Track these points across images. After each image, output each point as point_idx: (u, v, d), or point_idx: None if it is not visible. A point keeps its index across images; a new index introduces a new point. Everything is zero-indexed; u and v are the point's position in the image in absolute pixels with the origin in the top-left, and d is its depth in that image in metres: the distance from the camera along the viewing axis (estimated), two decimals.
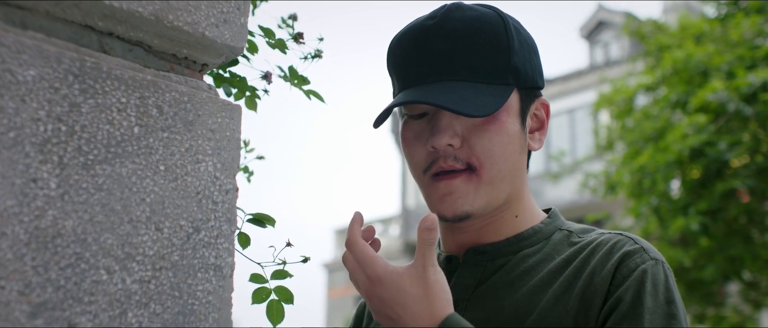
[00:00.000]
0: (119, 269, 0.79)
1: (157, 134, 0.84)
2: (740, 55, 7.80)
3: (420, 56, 1.19)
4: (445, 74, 1.17)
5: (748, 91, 7.24)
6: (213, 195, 0.88)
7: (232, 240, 0.89)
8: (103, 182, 0.79)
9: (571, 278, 1.14)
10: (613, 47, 20.02)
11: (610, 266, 1.12)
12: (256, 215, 1.12)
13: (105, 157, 0.79)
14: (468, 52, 1.17)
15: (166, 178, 0.84)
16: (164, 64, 0.90)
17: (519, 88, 1.21)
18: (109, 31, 0.86)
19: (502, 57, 1.18)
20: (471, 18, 1.20)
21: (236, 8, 0.94)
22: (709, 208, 7.52)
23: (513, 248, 1.22)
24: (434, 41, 1.19)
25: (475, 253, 1.23)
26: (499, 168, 1.18)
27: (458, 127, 1.18)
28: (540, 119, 1.27)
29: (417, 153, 1.22)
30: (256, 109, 1.26)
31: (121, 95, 0.82)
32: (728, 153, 7.28)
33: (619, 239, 1.16)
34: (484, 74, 1.17)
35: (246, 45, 0.95)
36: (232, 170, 0.91)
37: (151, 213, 0.82)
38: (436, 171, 1.19)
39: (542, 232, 1.24)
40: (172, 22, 0.87)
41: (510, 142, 1.19)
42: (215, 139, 0.89)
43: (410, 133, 1.23)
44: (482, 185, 1.18)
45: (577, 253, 1.18)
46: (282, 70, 1.29)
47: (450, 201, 1.18)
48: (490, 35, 1.19)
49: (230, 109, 0.92)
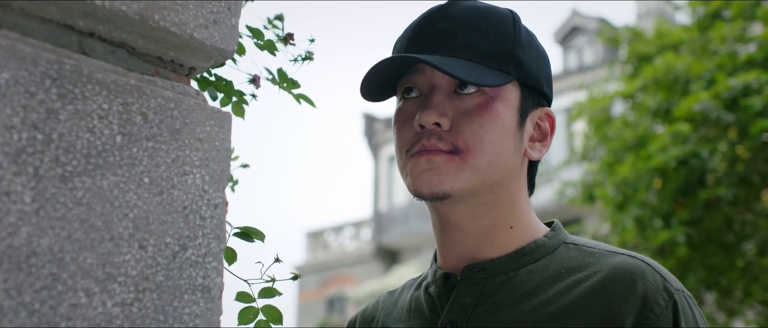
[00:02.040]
0: (99, 291, 0.72)
1: (141, 144, 0.78)
2: (720, 63, 7.83)
3: (421, 35, 1.15)
4: (444, 50, 1.12)
5: (728, 95, 7.26)
6: (201, 210, 0.81)
7: (221, 259, 0.82)
8: (83, 196, 0.72)
9: (582, 301, 1.07)
10: (587, 52, 20.11)
11: (633, 299, 1.04)
12: (244, 228, 1.05)
13: (84, 169, 0.73)
14: (470, 33, 1.12)
15: (151, 191, 0.77)
16: (149, 67, 0.84)
17: (521, 83, 1.15)
18: (90, 31, 0.79)
19: (506, 46, 1.13)
20: (479, 6, 1.16)
21: (227, 8, 0.88)
22: (691, 217, 7.53)
23: (514, 264, 1.15)
24: (438, 22, 1.14)
25: (473, 270, 1.16)
26: (487, 159, 1.11)
27: (449, 109, 1.11)
28: (543, 131, 1.21)
29: (404, 134, 1.15)
30: (244, 116, 1.19)
31: (102, 101, 0.75)
32: (710, 161, 7.29)
33: (637, 265, 1.09)
34: (485, 57, 1.12)
35: (236, 47, 0.88)
36: (222, 182, 0.84)
37: (134, 229, 0.75)
38: (418, 150, 1.12)
39: (545, 246, 1.17)
40: (158, 22, 0.81)
41: (503, 135, 1.12)
42: (203, 150, 0.83)
43: (401, 116, 1.17)
44: (466, 168, 1.10)
45: (588, 273, 1.10)
46: (270, 73, 1.22)
47: (428, 176, 1.10)
48: (496, 23, 1.14)
49: (219, 117, 0.85)
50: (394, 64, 1.13)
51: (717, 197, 7.30)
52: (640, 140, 8.14)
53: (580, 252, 1.15)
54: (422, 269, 21.35)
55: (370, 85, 1.15)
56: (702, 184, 7.56)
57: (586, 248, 1.16)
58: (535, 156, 1.19)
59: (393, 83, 1.18)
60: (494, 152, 1.11)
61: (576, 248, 1.16)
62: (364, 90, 1.15)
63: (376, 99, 1.19)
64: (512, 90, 1.15)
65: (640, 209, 7.86)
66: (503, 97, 1.13)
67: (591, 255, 1.14)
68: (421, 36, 1.14)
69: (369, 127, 24.29)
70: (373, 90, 1.16)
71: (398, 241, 22.83)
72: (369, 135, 24.20)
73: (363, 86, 1.15)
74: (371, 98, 1.18)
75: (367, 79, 1.13)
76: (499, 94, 1.13)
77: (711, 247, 7.67)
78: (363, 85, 1.14)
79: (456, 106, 1.12)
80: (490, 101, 1.12)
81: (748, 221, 7.78)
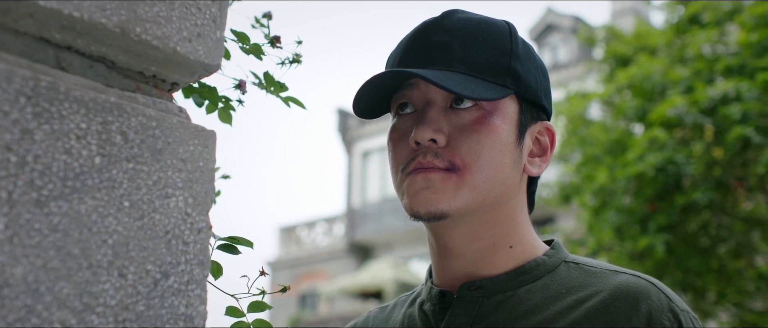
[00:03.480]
0: (77, 323, 0.68)
1: (121, 165, 0.73)
2: (698, 70, 7.86)
3: (415, 48, 1.10)
4: (439, 64, 1.08)
5: (708, 105, 7.28)
6: (184, 235, 0.77)
7: (205, 286, 0.78)
8: (59, 222, 0.68)
9: (583, 321, 1.03)
10: (561, 50, 20.18)
11: (637, 319, 1.01)
12: (229, 239, 1.00)
13: (61, 193, 0.69)
14: (466, 46, 1.08)
15: (131, 216, 0.73)
16: (129, 82, 0.80)
17: (519, 97, 1.11)
18: (68, 45, 0.75)
19: (503, 58, 1.09)
20: (474, 18, 1.12)
21: (212, 20, 0.84)
22: (669, 222, 7.54)
23: (513, 283, 1.11)
24: (432, 35, 1.10)
25: (470, 287, 1.11)
26: (486, 176, 1.07)
27: (445, 125, 1.07)
28: (543, 146, 1.17)
29: (399, 152, 1.11)
30: (231, 122, 1.15)
31: (80, 120, 0.71)
32: (687, 166, 7.30)
33: (641, 285, 1.06)
34: (481, 70, 1.08)
35: (222, 62, 0.84)
36: (206, 205, 0.80)
37: (113, 257, 0.71)
38: (414, 167, 1.07)
39: (545, 265, 1.13)
40: (140, 35, 0.77)
41: (501, 151, 1.08)
42: (187, 171, 0.79)
43: (395, 133, 1.13)
44: (463, 186, 1.06)
45: (589, 293, 1.07)
46: (257, 77, 1.17)
47: (425, 196, 1.06)
48: (492, 35, 1.10)
49: (204, 135, 0.81)
50: (388, 79, 1.09)
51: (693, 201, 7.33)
52: (617, 144, 8.15)
53: (581, 271, 1.12)
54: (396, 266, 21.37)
55: (362, 102, 1.11)
56: (678, 187, 7.58)
57: (588, 267, 1.13)
58: (534, 172, 1.15)
59: (387, 99, 1.14)
60: (492, 169, 1.07)
61: (577, 267, 1.13)
62: (357, 106, 1.12)
63: (369, 116, 1.15)
64: (510, 104, 1.11)
65: (616, 215, 7.88)
66: (501, 111, 1.09)
67: (592, 274, 1.10)
68: (414, 50, 1.11)
69: (343, 122, 24.23)
70: (365, 106, 1.13)
71: (371, 237, 22.83)
72: (343, 130, 24.15)
73: (355, 103, 1.11)
74: (364, 115, 1.14)
75: (359, 95, 1.09)
76: (496, 109, 1.09)
77: (687, 250, 7.70)
78: (355, 101, 1.10)
79: (452, 121, 1.08)
80: (487, 116, 1.08)
81: (724, 224, 7.82)
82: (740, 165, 7.57)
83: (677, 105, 7.29)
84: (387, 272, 20.13)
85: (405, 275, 20.38)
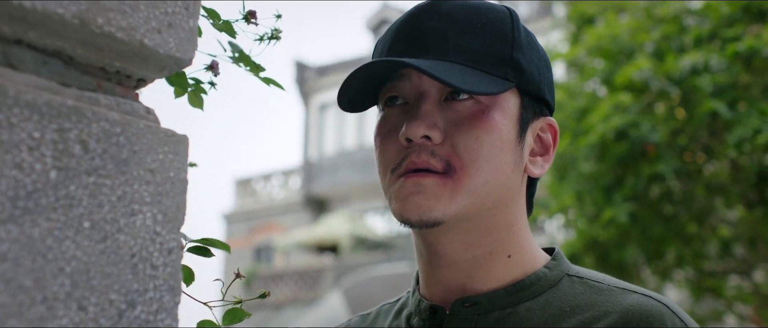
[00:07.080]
0: None
1: (80, 180, 0.64)
2: (667, 34, 7.79)
3: (406, 35, 1.01)
4: (433, 53, 0.98)
5: (679, 77, 7.23)
6: (152, 257, 0.68)
7: (176, 314, 0.69)
8: (8, 249, 0.58)
9: None
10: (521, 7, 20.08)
11: None
12: (202, 240, 0.91)
13: (10, 215, 0.59)
14: (463, 33, 0.99)
15: (92, 238, 0.64)
16: (89, 80, 0.69)
17: (520, 90, 1.02)
18: (18, 39, 0.64)
19: (504, 48, 1.00)
20: (471, 2, 1.02)
21: (184, 8, 0.74)
22: (634, 192, 7.52)
23: (512, 299, 1.02)
24: (425, 21, 1.00)
25: (464, 304, 1.02)
26: (484, 178, 0.97)
27: (440, 120, 0.98)
28: (545, 144, 1.08)
29: (388, 149, 1.01)
30: (203, 107, 1.04)
31: (33, 129, 0.61)
32: (652, 134, 7.25)
33: (653, 307, 0.96)
34: (479, 60, 0.98)
35: (194, 55, 0.75)
36: (177, 221, 0.70)
37: (71, 287, 0.62)
38: (406, 168, 0.98)
39: (547, 278, 1.03)
40: (102, 26, 0.66)
41: (502, 149, 0.99)
42: (155, 183, 0.69)
43: (384, 128, 1.03)
44: (460, 191, 0.96)
45: (596, 313, 0.98)
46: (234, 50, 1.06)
47: (416, 201, 0.96)
48: (492, 21, 1.01)
49: (174, 141, 0.71)
50: (377, 69, 0.99)
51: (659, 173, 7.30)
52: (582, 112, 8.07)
53: (587, 287, 1.03)
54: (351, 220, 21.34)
55: (348, 93, 1.01)
56: (644, 155, 7.53)
57: (593, 283, 1.03)
58: (536, 173, 1.06)
59: (375, 90, 1.04)
60: (492, 170, 0.98)
61: (581, 281, 1.04)
62: (342, 99, 1.01)
63: (355, 109, 1.05)
64: (511, 98, 1.02)
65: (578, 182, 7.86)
66: (501, 105, 1.00)
67: (599, 292, 1.01)
68: (406, 37, 1.01)
69: (300, 74, 24.00)
70: (352, 99, 1.02)
71: (327, 190, 22.78)
72: (300, 82, 23.94)
73: (341, 95, 1.00)
74: (350, 108, 1.04)
75: (345, 86, 0.99)
76: (495, 103, 1.00)
77: (651, 219, 7.70)
78: (341, 93, 1.00)
79: (447, 116, 0.98)
80: (485, 110, 0.99)
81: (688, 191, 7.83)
82: (709, 135, 7.55)
83: (643, 69, 7.23)
84: (343, 225, 20.13)
85: (361, 229, 20.41)
